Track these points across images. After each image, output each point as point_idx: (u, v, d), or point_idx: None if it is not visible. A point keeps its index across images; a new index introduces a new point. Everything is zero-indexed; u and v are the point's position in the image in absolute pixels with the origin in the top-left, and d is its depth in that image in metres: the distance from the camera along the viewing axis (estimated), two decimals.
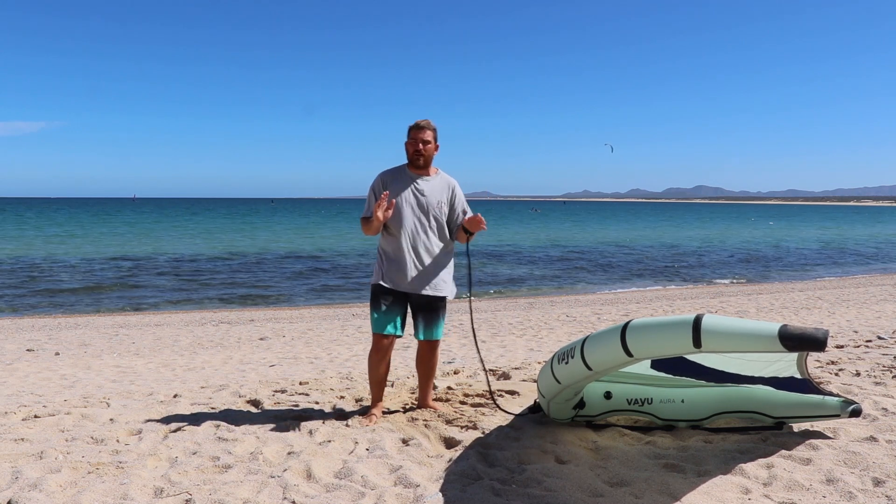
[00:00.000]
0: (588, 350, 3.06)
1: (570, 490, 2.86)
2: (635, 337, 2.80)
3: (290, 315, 13.31)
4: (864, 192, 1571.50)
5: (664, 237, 44.31)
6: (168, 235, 43.38)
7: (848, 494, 2.74)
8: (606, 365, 3.05)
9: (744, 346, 2.52)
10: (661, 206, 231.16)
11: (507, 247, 34.34)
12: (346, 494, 2.91)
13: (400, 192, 3.96)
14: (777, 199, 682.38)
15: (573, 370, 3.18)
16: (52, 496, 2.92)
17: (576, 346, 3.17)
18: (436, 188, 4.02)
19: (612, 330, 2.93)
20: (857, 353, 5.88)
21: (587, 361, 3.07)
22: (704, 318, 2.57)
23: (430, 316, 4.05)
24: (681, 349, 2.67)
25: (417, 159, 3.97)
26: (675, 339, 2.64)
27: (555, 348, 7.63)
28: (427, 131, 3.95)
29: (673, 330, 2.66)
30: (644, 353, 2.83)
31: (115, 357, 8.13)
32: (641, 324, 2.82)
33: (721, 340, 2.54)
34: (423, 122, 3.98)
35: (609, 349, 2.92)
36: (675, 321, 2.66)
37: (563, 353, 3.28)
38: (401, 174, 4.03)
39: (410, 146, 3.97)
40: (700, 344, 2.56)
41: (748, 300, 13.49)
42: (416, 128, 3.96)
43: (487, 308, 13.56)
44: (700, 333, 2.55)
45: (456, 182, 4.13)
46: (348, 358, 7.41)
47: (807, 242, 39.40)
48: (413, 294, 3.99)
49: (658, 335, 2.73)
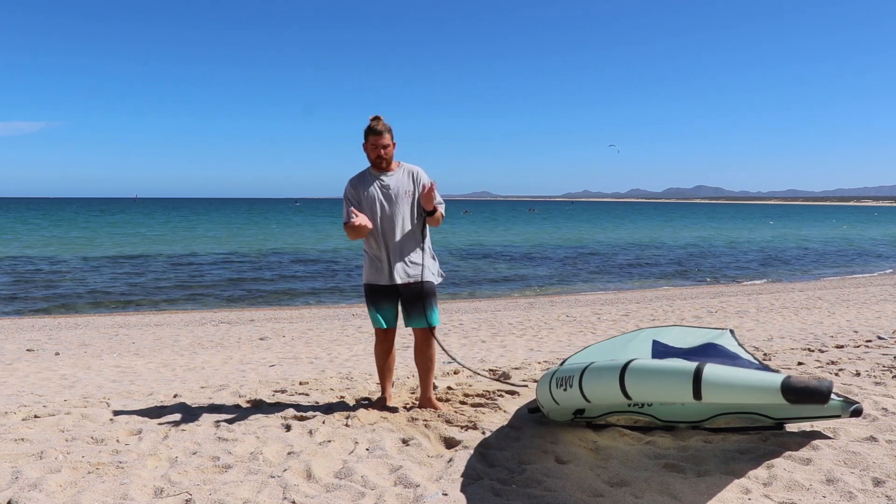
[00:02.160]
0: (586, 384, 3.03)
1: (570, 490, 2.86)
2: (634, 381, 2.76)
3: (290, 315, 13.31)
4: (864, 192, 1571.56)
5: (664, 237, 44.30)
6: (171, 236, 43.39)
7: (848, 494, 2.74)
8: (604, 401, 3.04)
9: (745, 398, 2.48)
10: (661, 206, 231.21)
11: (506, 247, 34.33)
12: (346, 494, 2.91)
13: (367, 192, 4.12)
14: (777, 199, 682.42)
15: (571, 397, 3.18)
16: (52, 496, 2.92)
17: (574, 375, 3.13)
18: (401, 180, 4.17)
19: (611, 368, 2.88)
20: (857, 353, 5.88)
21: (585, 394, 3.05)
22: (705, 370, 2.52)
23: (416, 304, 4.15)
24: (680, 398, 2.63)
25: (380, 163, 4.13)
26: (675, 388, 2.60)
27: (555, 348, 7.63)
28: (385, 136, 4.08)
29: (673, 379, 2.61)
30: (643, 397, 2.81)
31: (115, 357, 8.13)
32: (641, 368, 2.77)
33: (722, 392, 2.50)
34: (379, 125, 4.08)
35: (607, 388, 2.89)
36: (676, 370, 2.62)
37: (562, 378, 3.25)
38: (366, 177, 4.18)
39: (371, 152, 4.11)
40: (700, 396, 2.51)
41: (748, 300, 13.48)
42: (373, 133, 4.07)
43: (487, 308, 13.55)
44: (700, 385, 2.51)
45: (418, 168, 4.25)
46: (348, 358, 7.40)
47: (810, 242, 39.40)
48: (398, 286, 4.14)
49: (657, 383, 2.69)
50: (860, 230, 55.02)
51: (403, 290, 4.16)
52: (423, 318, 4.16)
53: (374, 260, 4.16)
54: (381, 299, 4.19)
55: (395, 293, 4.19)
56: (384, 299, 4.18)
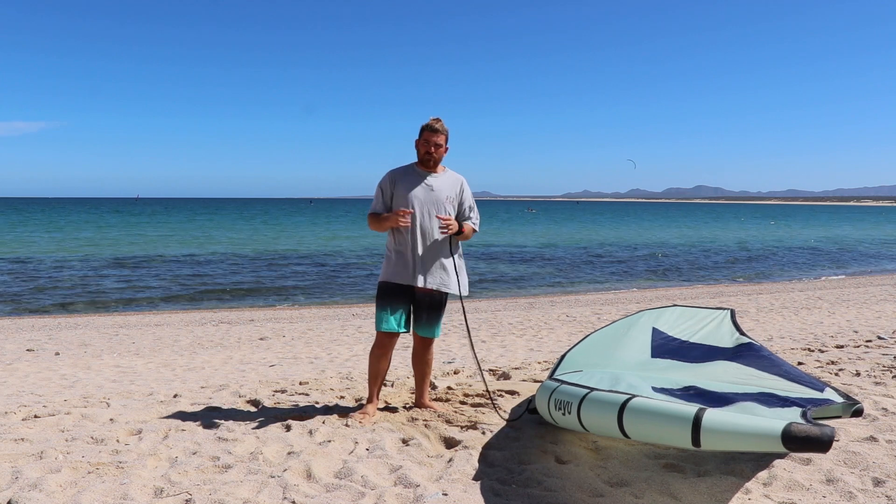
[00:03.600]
0: (585, 415, 2.96)
1: (570, 490, 2.86)
2: (633, 421, 2.68)
3: (290, 315, 13.31)
4: (863, 192, 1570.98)
5: (664, 237, 44.30)
6: (171, 236, 43.39)
7: (848, 494, 2.74)
8: (602, 433, 2.99)
9: (745, 445, 2.43)
10: (661, 206, 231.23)
11: (506, 247, 34.32)
12: (346, 494, 2.91)
13: (410, 188, 3.99)
14: (777, 199, 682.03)
15: (569, 422, 3.13)
16: (52, 496, 2.92)
17: (573, 402, 3.05)
18: (445, 184, 4.06)
19: (611, 403, 2.79)
20: (857, 353, 5.88)
21: (583, 423, 2.99)
22: (705, 417, 2.45)
23: (432, 313, 4.05)
24: (678, 444, 2.56)
25: (428, 160, 4.01)
26: (674, 434, 2.53)
27: (555, 348, 7.62)
28: (441, 135, 3.98)
29: (672, 424, 2.53)
30: (640, 437, 2.75)
31: (115, 357, 8.13)
32: (640, 408, 2.68)
33: (721, 439, 2.44)
34: (438, 125, 3.98)
35: (606, 423, 2.82)
36: (676, 413, 2.54)
37: (561, 401, 3.18)
38: (410, 172, 4.06)
39: (422, 147, 4.00)
40: (699, 444, 2.45)
41: (748, 300, 13.48)
42: (430, 130, 3.97)
43: (487, 308, 13.55)
44: (700, 433, 2.44)
45: (464, 179, 4.16)
46: (348, 358, 7.40)
47: (810, 242, 39.40)
48: (417, 289, 4.01)
49: (656, 426, 2.61)
50: (866, 231, 54.96)
51: (422, 296, 4.02)
52: (431, 327, 4.07)
53: (399, 258, 4.00)
54: (396, 300, 4.00)
55: (411, 296, 4.03)
56: (399, 300, 4.01)
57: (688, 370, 3.74)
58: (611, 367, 3.83)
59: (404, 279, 3.99)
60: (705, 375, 3.60)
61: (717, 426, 2.43)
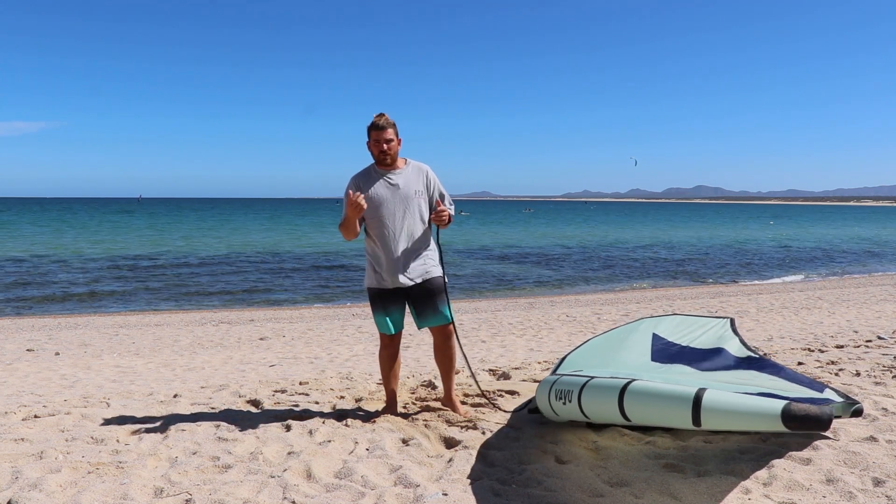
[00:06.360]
0: (585, 401, 2.99)
1: (570, 490, 2.86)
2: (633, 404, 2.72)
3: (290, 315, 13.31)
4: (863, 192, 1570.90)
5: (664, 237, 44.29)
6: (171, 235, 43.39)
7: (848, 494, 2.74)
8: (603, 419, 3.01)
9: (745, 425, 2.45)
10: (661, 206, 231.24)
11: (506, 247, 34.32)
12: (346, 494, 2.91)
13: (374, 191, 3.93)
14: (777, 199, 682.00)
15: (571, 412, 3.16)
16: (52, 496, 2.92)
17: (574, 390, 3.09)
18: (410, 178, 4.00)
19: (611, 388, 2.83)
20: (857, 353, 5.88)
21: (584, 411, 3.02)
22: (705, 397, 2.47)
23: (430, 301, 4.01)
24: (679, 424, 2.59)
25: (384, 159, 3.94)
26: (674, 414, 2.56)
27: (555, 348, 7.62)
28: (388, 130, 3.89)
29: (672, 404, 2.56)
30: (641, 420, 2.77)
31: (115, 357, 8.13)
32: (641, 390, 2.72)
33: (721, 419, 2.46)
34: (382, 120, 3.91)
35: (606, 407, 2.86)
36: (676, 394, 2.57)
37: (561, 391, 3.21)
38: (371, 174, 3.99)
39: (374, 147, 3.93)
40: (700, 423, 2.47)
41: (748, 300, 13.47)
42: (377, 128, 3.90)
43: (487, 308, 13.55)
44: (700, 412, 2.46)
45: (428, 167, 4.10)
46: (348, 358, 7.40)
47: (811, 241, 39.40)
48: (408, 287, 3.98)
49: (656, 407, 2.64)
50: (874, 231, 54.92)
51: (415, 291, 3.99)
52: (437, 315, 4.01)
53: (378, 262, 3.98)
54: (388, 302, 4.01)
55: (404, 295, 4.01)
56: (392, 303, 4.01)
57: (688, 373, 3.76)
58: (611, 368, 3.85)
59: (388, 283, 3.97)
60: (705, 377, 3.62)
61: (718, 405, 2.44)
